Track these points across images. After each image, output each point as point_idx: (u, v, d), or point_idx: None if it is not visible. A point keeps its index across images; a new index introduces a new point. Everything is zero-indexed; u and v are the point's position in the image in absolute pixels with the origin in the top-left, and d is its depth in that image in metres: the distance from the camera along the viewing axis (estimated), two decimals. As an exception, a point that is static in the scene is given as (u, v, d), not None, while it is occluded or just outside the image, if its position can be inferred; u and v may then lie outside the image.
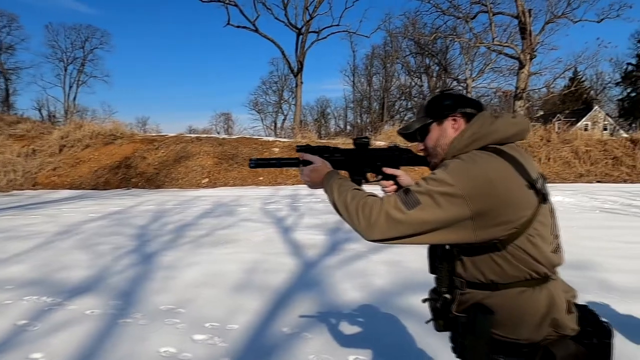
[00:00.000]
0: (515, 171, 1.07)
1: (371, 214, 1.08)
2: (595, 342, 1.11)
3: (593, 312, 1.20)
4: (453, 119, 1.23)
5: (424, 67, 41.08)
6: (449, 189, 1.03)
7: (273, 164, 1.50)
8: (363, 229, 1.09)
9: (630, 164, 16.73)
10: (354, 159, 1.44)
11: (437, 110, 1.25)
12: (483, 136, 1.15)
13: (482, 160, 1.08)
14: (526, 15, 20.50)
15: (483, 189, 1.03)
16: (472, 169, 1.06)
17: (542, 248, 1.09)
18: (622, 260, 4.83)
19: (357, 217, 1.11)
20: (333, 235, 6.31)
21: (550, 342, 1.08)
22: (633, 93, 40.93)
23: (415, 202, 1.05)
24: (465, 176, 1.04)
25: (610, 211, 8.76)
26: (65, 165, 17.86)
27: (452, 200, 1.03)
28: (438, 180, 1.06)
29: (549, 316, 1.08)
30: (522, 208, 1.06)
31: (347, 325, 3.16)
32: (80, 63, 46.66)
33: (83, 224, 7.61)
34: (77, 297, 3.78)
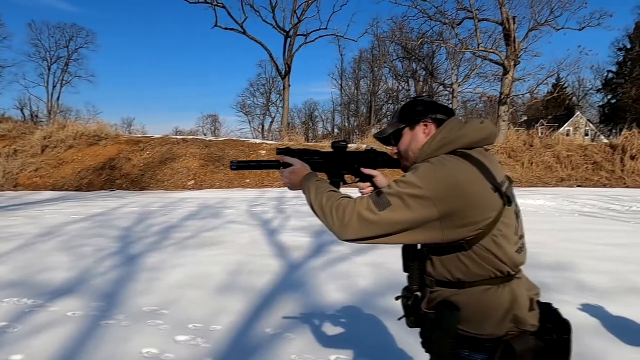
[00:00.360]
0: (481, 174, 1.12)
1: (344, 214, 1.13)
2: (555, 338, 1.17)
3: (555, 309, 1.26)
4: (424, 124, 1.29)
5: (411, 71, 41.53)
6: (418, 191, 1.09)
7: (254, 166, 1.54)
8: (337, 229, 1.14)
9: (610, 169, 17.15)
10: (333, 161, 1.49)
11: (409, 116, 1.31)
12: (452, 141, 1.20)
13: (449, 164, 1.14)
14: (510, 22, 20.89)
15: (450, 191, 1.09)
16: (440, 172, 1.11)
17: (505, 248, 1.15)
18: (598, 262, 4.97)
19: (331, 218, 1.16)
20: (318, 237, 6.35)
21: (511, 337, 1.13)
22: (613, 100, 41.95)
23: (386, 204, 1.10)
24: (433, 179, 1.10)
25: (589, 214, 8.98)
26: (47, 166, 17.56)
27: (421, 202, 1.08)
28: (408, 183, 1.11)
29: (510, 312, 1.14)
30: (487, 210, 1.11)
31: (329, 325, 3.20)
32: (64, 62, 46.04)
33: (65, 226, 7.51)
34: (59, 299, 3.74)
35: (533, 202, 11.06)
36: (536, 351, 1.13)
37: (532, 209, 9.77)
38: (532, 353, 1.12)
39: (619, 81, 40.38)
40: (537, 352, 1.13)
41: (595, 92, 45.28)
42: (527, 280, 1.26)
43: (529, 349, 1.12)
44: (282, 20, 30.00)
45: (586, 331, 3.05)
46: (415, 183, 1.10)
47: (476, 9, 22.23)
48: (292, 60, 29.47)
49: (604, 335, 2.99)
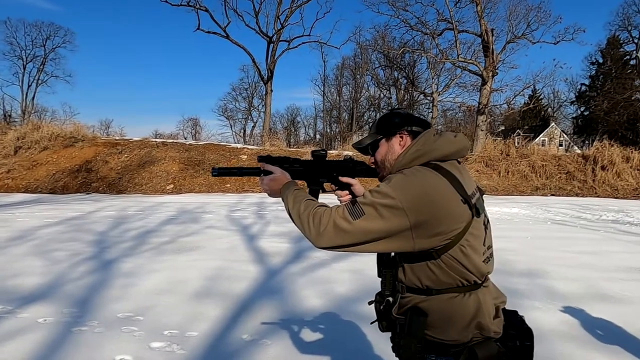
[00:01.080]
0: (452, 186, 1.17)
1: (320, 223, 1.16)
2: (517, 345, 1.22)
3: (521, 317, 1.32)
4: (400, 136, 1.33)
5: (393, 79, 42.07)
6: (391, 202, 1.13)
7: (235, 173, 1.57)
8: (313, 237, 1.18)
9: (582, 179, 17.71)
10: (312, 169, 1.52)
11: (386, 128, 1.35)
12: (425, 153, 1.25)
13: (421, 175, 1.18)
14: (489, 34, 21.47)
15: (421, 202, 1.13)
16: (412, 183, 1.16)
17: (472, 258, 1.19)
18: (568, 269, 5.13)
19: (308, 226, 1.19)
20: (298, 243, 6.36)
21: (475, 343, 1.18)
22: (586, 112, 43.37)
23: (360, 213, 1.14)
24: (406, 190, 1.14)
25: (561, 223, 9.25)
26: (20, 168, 17.06)
27: (393, 212, 1.12)
28: (381, 193, 1.15)
29: (475, 320, 1.18)
30: (456, 221, 1.16)
31: (307, 331, 3.21)
32: (41, 61, 44.82)
33: (38, 230, 7.32)
34: (30, 305, 3.65)
35: (509, 210, 11.33)
36: (499, 357, 1.17)
37: (508, 217, 10.01)
38: (495, 359, 1.17)
39: (591, 94, 41.83)
40: (500, 357, 1.18)
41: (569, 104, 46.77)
42: (495, 289, 1.31)
43: (492, 355, 1.17)
44: (266, 25, 29.96)
45: (555, 336, 3.15)
46: (389, 193, 1.14)
47: (456, 21, 22.77)
48: (275, 65, 29.51)
49: (572, 340, 3.09)
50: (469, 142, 1.42)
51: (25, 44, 44.42)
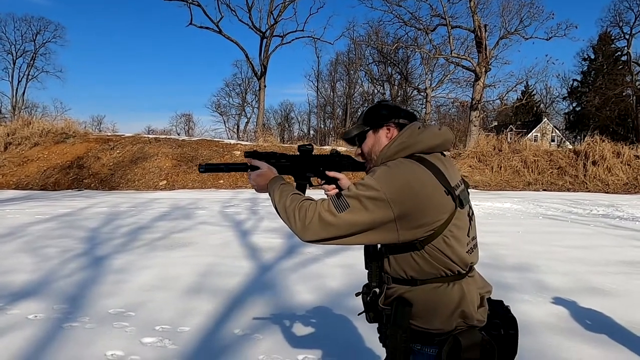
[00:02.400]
0: (435, 178, 1.19)
1: (306, 216, 1.17)
2: (502, 333, 1.24)
3: (506, 307, 1.34)
4: (387, 128, 1.34)
5: (386, 75, 42.07)
6: (375, 194, 1.14)
7: (222, 169, 1.57)
8: (298, 230, 1.18)
9: (574, 174, 17.86)
10: (299, 164, 1.52)
11: (374, 119, 1.36)
12: (410, 145, 1.26)
13: (405, 167, 1.19)
14: (482, 30, 21.52)
15: (404, 194, 1.14)
16: (396, 175, 1.17)
17: (456, 248, 1.21)
18: (558, 262, 5.19)
19: (293, 219, 1.20)
20: (290, 239, 6.36)
21: (459, 332, 1.20)
22: (578, 108, 43.72)
23: (345, 206, 1.15)
24: (390, 182, 1.15)
25: (552, 217, 9.34)
26: (10, 164, 16.89)
27: (378, 204, 1.13)
28: (366, 186, 1.16)
29: (458, 309, 1.20)
30: (439, 212, 1.17)
31: (299, 326, 3.23)
32: (31, 57, 44.29)
33: (29, 226, 7.26)
34: (20, 302, 3.62)
35: (501, 205, 11.41)
36: (483, 345, 1.19)
37: (500, 212, 10.09)
38: (479, 347, 1.18)
39: (583, 90, 42.16)
40: (484, 346, 1.19)
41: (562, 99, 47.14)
42: (481, 279, 1.33)
43: (476, 343, 1.18)
44: (259, 20, 29.80)
45: (544, 328, 3.19)
46: (373, 186, 1.15)
47: (449, 16, 22.79)
48: (269, 61, 29.38)
49: (560, 332, 3.13)
50: (453, 135, 1.43)
51: (14, 39, 43.80)
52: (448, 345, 1.17)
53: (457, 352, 1.16)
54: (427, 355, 1.22)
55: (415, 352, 1.22)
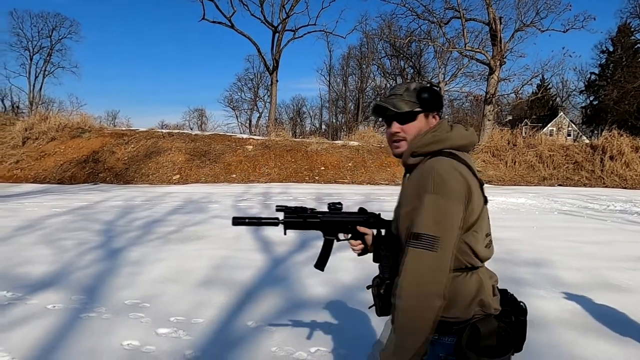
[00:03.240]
0: (473, 175, 1.23)
1: (417, 289, 1.13)
2: (514, 320, 1.26)
3: (511, 295, 1.36)
4: (433, 117, 1.33)
5: (399, 69, 41.72)
6: (453, 207, 1.16)
7: (254, 223, 1.56)
8: (424, 303, 1.13)
9: (590, 169, 17.56)
10: (329, 221, 1.56)
11: (430, 103, 1.29)
12: (441, 140, 1.27)
13: (454, 164, 1.21)
14: (497, 22, 21.16)
15: (464, 188, 1.19)
16: (453, 179, 1.18)
17: (480, 243, 1.24)
18: (573, 258, 5.12)
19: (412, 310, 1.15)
20: (303, 233, 6.39)
21: (477, 319, 1.21)
22: (595, 101, 42.80)
23: (434, 239, 1.14)
24: (451, 188, 1.17)
25: (568, 213, 9.20)
26: (28, 158, 17.23)
27: (453, 209, 1.16)
28: (435, 205, 1.16)
29: (477, 298, 1.22)
30: (476, 206, 1.22)
31: (311, 318, 3.25)
32: (47, 52, 44.94)
33: (47, 219, 7.41)
34: (39, 292, 3.71)
35: (515, 200, 11.27)
36: (498, 332, 1.21)
37: (514, 207, 9.97)
38: (496, 334, 1.20)
39: (601, 83, 41.21)
40: (499, 332, 1.21)
41: (578, 93, 46.15)
42: (488, 269, 1.35)
43: (493, 330, 1.20)
44: (271, 15, 29.76)
45: (559, 324, 3.16)
46: (441, 201, 1.16)
47: (464, 9, 22.45)
48: (281, 55, 29.36)
49: (575, 328, 3.10)
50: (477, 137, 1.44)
51: (31, 35, 44.45)
52: (467, 333, 1.19)
53: (476, 340, 1.18)
54: (445, 344, 1.22)
55: (433, 342, 1.23)
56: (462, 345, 1.18)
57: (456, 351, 1.20)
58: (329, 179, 16.64)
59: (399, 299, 1.15)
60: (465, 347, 1.18)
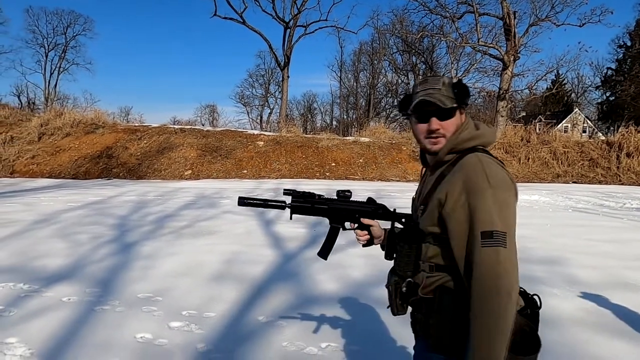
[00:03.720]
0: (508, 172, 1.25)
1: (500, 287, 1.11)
2: (529, 313, 1.24)
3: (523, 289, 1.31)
4: (462, 113, 1.31)
5: (411, 65, 41.37)
6: (511, 200, 1.18)
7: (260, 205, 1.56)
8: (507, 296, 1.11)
9: (606, 166, 17.24)
10: (337, 209, 1.55)
11: (464, 98, 1.27)
12: (476, 137, 1.27)
13: (495, 161, 1.24)
14: (511, 17, 20.83)
15: (514, 184, 1.21)
16: (502, 173, 1.20)
17: None
18: (588, 256, 5.03)
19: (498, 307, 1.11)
20: (314, 228, 6.40)
21: None
22: (612, 97, 41.96)
23: (504, 235, 1.13)
24: (505, 181, 1.19)
25: (583, 210, 9.05)
26: (44, 154, 17.52)
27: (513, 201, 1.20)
28: (496, 200, 1.15)
29: None
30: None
31: (322, 314, 3.25)
32: (62, 49, 45.50)
33: (62, 213, 7.54)
34: (54, 285, 3.78)
35: (528, 197, 11.13)
36: (520, 325, 1.17)
37: (527, 204, 9.84)
38: (521, 329, 1.17)
39: (618, 79, 40.35)
40: (523, 329, 1.18)
41: (594, 89, 45.26)
42: None
43: (520, 324, 1.16)
44: (282, 10, 29.77)
45: (573, 323, 3.11)
46: (505, 197, 1.16)
47: (477, 3, 22.13)
48: (292, 51, 29.33)
49: (590, 327, 3.05)
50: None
51: (47, 32, 44.98)
52: None
53: None
54: None
55: None
56: None
57: None
58: (339, 175, 16.61)
59: (482, 300, 1.10)
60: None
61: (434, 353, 1.23)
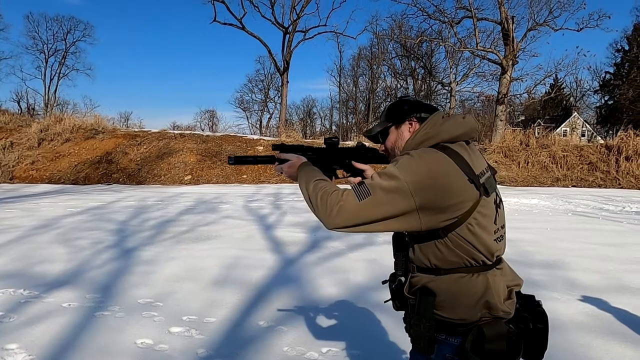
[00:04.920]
0: (457, 166, 1.18)
1: (328, 204, 1.18)
2: (530, 327, 1.23)
3: (537, 302, 1.32)
4: (409, 123, 1.36)
5: (410, 69, 41.54)
6: (396, 183, 1.14)
7: (250, 161, 1.63)
8: (322, 218, 1.20)
9: (605, 170, 17.26)
10: (325, 157, 1.54)
11: (395, 115, 1.38)
12: (433, 136, 1.27)
13: (426, 155, 1.19)
14: (509, 22, 20.93)
15: (426, 182, 1.14)
16: (417, 163, 1.17)
17: (481, 237, 1.20)
18: (588, 260, 5.04)
19: (317, 207, 1.22)
20: (314, 233, 6.40)
21: (484, 322, 1.19)
22: (610, 101, 42.09)
23: (367, 194, 1.15)
24: (411, 170, 1.15)
25: (582, 214, 9.06)
26: (44, 159, 17.53)
27: (399, 193, 1.14)
28: (387, 175, 1.17)
29: (482, 299, 1.19)
30: (462, 200, 1.16)
31: (322, 319, 3.25)
32: (62, 55, 45.68)
33: (62, 219, 7.53)
34: (55, 290, 3.78)
35: (527, 201, 11.14)
36: (508, 337, 1.18)
37: (527, 208, 9.85)
38: (505, 338, 1.17)
39: (616, 83, 40.48)
40: (509, 338, 1.18)
41: (593, 93, 45.41)
42: (511, 272, 1.32)
43: (501, 334, 1.17)
44: (281, 16, 29.95)
45: (573, 326, 3.11)
46: (394, 174, 1.15)
47: (475, 8, 22.26)
48: (291, 56, 29.45)
49: (591, 330, 3.05)
50: (478, 123, 1.42)
51: (47, 38, 45.17)
52: (472, 335, 1.17)
53: (481, 343, 1.16)
54: (451, 345, 1.21)
55: (439, 342, 1.22)
56: (466, 348, 1.17)
57: (459, 353, 1.19)
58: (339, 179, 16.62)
59: (317, 197, 1.23)
60: (469, 350, 1.16)
61: (417, 354, 1.27)
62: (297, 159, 1.46)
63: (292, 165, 1.45)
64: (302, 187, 1.31)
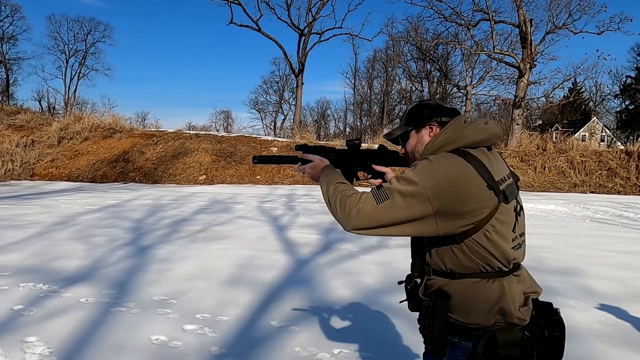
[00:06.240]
0: (476, 172, 1.18)
1: (346, 206, 1.21)
2: (546, 334, 1.22)
3: (555, 310, 1.30)
4: (429, 127, 1.35)
5: (425, 72, 41.28)
6: (414, 188, 1.15)
7: (275, 161, 1.66)
8: (340, 219, 1.22)
9: (625, 176, 16.88)
10: (346, 158, 1.56)
11: (416, 119, 1.38)
12: (453, 140, 1.26)
13: (445, 160, 1.20)
14: (527, 24, 20.66)
15: (444, 188, 1.14)
16: (436, 169, 1.17)
17: (498, 244, 1.20)
18: (606, 268, 4.94)
19: (335, 208, 1.24)
20: (327, 234, 6.41)
21: (497, 328, 1.19)
22: (631, 106, 41.19)
23: (385, 198, 1.17)
24: (429, 175, 1.16)
25: (600, 221, 8.88)
26: (63, 157, 17.91)
27: (417, 198, 1.15)
28: (406, 179, 1.18)
29: (497, 305, 1.19)
30: (480, 206, 1.16)
31: (334, 320, 3.26)
32: (82, 56, 46.61)
33: (80, 216, 7.69)
34: (73, 286, 3.86)
35: (544, 207, 10.96)
36: (523, 344, 1.17)
37: (543, 214, 9.70)
38: (519, 345, 1.17)
39: (637, 87, 39.62)
40: (523, 345, 1.17)
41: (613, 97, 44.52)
42: (530, 279, 1.31)
43: (515, 340, 1.17)
44: (297, 18, 30.15)
45: (590, 335, 3.06)
46: (412, 179, 1.16)
47: (493, 11, 22.02)
48: (306, 58, 29.52)
49: (607, 339, 2.99)
50: (500, 129, 1.40)
51: (68, 39, 46.15)
52: (484, 340, 1.17)
53: (493, 348, 1.16)
54: (464, 348, 1.22)
55: (452, 345, 1.23)
56: (478, 353, 1.17)
57: (471, 357, 1.19)
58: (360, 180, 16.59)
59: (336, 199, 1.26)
60: (481, 354, 1.16)
61: (430, 355, 1.28)
62: (320, 161, 1.48)
63: (315, 167, 1.48)
64: (323, 189, 1.34)
